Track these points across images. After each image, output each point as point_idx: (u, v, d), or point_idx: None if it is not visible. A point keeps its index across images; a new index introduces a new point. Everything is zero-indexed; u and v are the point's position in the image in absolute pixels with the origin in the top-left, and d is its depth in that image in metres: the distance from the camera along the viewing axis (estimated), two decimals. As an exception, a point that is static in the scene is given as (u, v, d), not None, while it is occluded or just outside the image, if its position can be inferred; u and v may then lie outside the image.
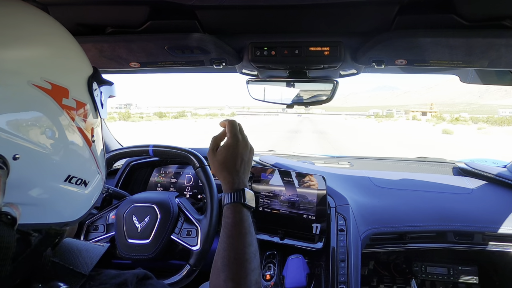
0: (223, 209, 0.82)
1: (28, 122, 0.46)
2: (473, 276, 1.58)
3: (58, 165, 0.51)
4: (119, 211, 1.16)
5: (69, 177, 0.53)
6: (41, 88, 0.47)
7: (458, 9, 0.80)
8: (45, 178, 0.50)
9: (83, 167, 0.57)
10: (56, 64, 0.51)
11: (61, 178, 0.52)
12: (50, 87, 0.48)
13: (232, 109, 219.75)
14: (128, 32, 0.96)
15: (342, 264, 1.17)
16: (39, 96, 0.47)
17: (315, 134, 24.93)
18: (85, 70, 0.59)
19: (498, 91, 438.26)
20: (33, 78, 0.46)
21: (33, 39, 0.49)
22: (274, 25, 0.97)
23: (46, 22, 0.54)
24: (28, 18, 0.50)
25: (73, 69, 0.56)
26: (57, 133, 0.50)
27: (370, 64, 1.03)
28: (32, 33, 0.49)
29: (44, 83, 0.48)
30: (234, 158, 0.86)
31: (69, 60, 0.55)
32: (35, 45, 0.49)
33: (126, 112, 60.19)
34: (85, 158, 0.57)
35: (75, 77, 0.55)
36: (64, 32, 0.57)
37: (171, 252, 1.18)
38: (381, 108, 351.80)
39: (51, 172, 0.50)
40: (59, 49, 0.54)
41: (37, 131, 0.47)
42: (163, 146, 1.22)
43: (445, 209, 1.42)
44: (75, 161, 0.54)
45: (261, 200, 1.38)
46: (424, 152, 6.75)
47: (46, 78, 0.48)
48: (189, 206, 1.22)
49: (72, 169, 0.54)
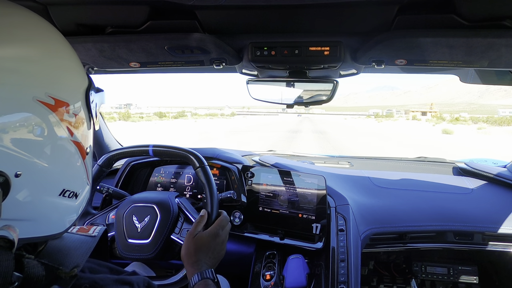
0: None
1: (30, 137, 0.46)
2: (473, 276, 1.58)
3: (55, 180, 0.51)
4: (119, 211, 1.16)
5: (63, 191, 0.53)
6: (45, 104, 0.47)
7: (458, 9, 0.80)
8: (42, 193, 0.49)
9: (76, 180, 0.57)
10: (58, 76, 0.51)
11: (56, 193, 0.52)
12: (53, 103, 0.48)
13: (232, 109, 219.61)
14: (128, 32, 0.96)
15: (342, 264, 1.17)
16: (43, 112, 0.47)
17: (315, 134, 24.91)
18: (83, 82, 0.58)
19: (498, 91, 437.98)
20: (38, 94, 0.46)
21: (35, 47, 0.48)
22: (274, 25, 0.98)
23: (43, 25, 0.52)
24: (23, 21, 0.49)
25: (73, 80, 0.55)
26: (55, 147, 0.50)
27: (370, 64, 1.03)
28: (28, 36, 0.48)
29: (48, 98, 0.47)
30: (207, 250, 0.93)
31: (69, 71, 0.54)
32: (35, 53, 0.48)
33: (126, 112, 60.10)
34: (79, 170, 0.57)
35: (75, 90, 0.55)
36: (63, 40, 0.56)
37: (171, 252, 1.18)
38: (381, 108, 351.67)
39: (48, 187, 0.50)
40: (59, 59, 0.53)
41: (38, 146, 0.47)
42: (163, 146, 1.22)
43: (445, 209, 1.42)
44: (69, 175, 0.54)
45: (261, 200, 1.38)
46: (424, 152, 6.73)
47: (50, 93, 0.48)
48: (189, 206, 1.21)
49: (67, 183, 0.53)
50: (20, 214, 0.46)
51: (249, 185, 1.42)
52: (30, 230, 0.49)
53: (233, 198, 1.29)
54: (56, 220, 0.54)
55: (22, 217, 0.47)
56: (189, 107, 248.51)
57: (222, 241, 0.98)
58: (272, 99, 1.26)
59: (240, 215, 1.39)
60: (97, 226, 0.62)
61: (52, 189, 0.51)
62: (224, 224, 1.01)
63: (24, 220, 0.48)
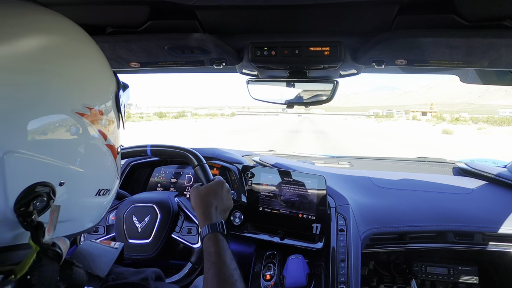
0: (203, 240, 0.86)
1: (69, 147, 0.48)
2: (473, 276, 1.58)
3: (92, 182, 0.54)
4: (119, 212, 1.16)
5: (99, 190, 0.56)
6: (82, 115, 0.49)
7: (458, 9, 0.80)
8: (81, 196, 0.52)
9: (109, 178, 0.59)
10: (92, 84, 0.52)
11: (93, 193, 0.55)
12: (90, 113, 0.50)
13: (232, 109, 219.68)
14: (128, 32, 0.96)
15: (342, 264, 1.17)
16: (81, 122, 0.48)
17: (315, 134, 24.89)
18: (113, 84, 0.59)
19: (498, 91, 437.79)
20: (76, 106, 0.48)
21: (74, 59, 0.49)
22: (274, 25, 0.97)
23: (77, 31, 0.54)
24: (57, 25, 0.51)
25: (105, 85, 0.56)
26: (93, 153, 0.52)
27: (370, 64, 1.03)
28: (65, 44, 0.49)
29: (84, 109, 0.49)
30: (215, 195, 0.96)
31: (102, 77, 0.56)
32: (70, 62, 0.49)
33: (126, 112, 59.97)
34: (112, 170, 0.59)
35: (106, 94, 0.56)
36: (93, 43, 0.57)
37: (172, 251, 1.18)
38: (381, 108, 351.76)
39: (86, 190, 0.53)
40: (93, 65, 0.54)
41: (76, 153, 0.49)
42: (161, 146, 1.22)
43: (445, 209, 1.42)
44: (103, 175, 0.57)
45: (261, 200, 1.38)
46: (425, 152, 6.73)
47: (86, 104, 0.49)
48: (189, 205, 1.21)
49: (102, 183, 0.56)
50: (62, 217, 0.48)
51: (249, 185, 1.42)
52: (72, 228, 0.53)
53: (233, 198, 1.29)
54: (94, 215, 0.58)
55: (65, 219, 0.49)
56: (189, 107, 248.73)
57: (227, 189, 1.02)
58: (272, 99, 1.26)
59: (240, 215, 1.39)
60: (117, 242, 0.66)
61: (90, 191, 0.54)
62: (223, 181, 1.05)
63: (66, 221, 0.50)
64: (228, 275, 0.75)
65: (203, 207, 0.93)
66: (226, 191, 1.01)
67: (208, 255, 0.81)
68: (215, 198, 0.96)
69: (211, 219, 0.88)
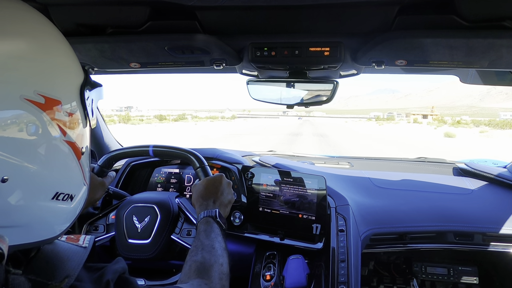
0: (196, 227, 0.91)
1: (17, 139, 0.42)
2: (473, 277, 1.58)
3: (47, 183, 0.48)
4: (119, 211, 1.16)
5: (56, 194, 0.50)
6: (34, 103, 0.44)
7: (458, 10, 0.80)
8: (33, 198, 0.46)
9: (71, 182, 0.53)
10: (50, 74, 0.48)
11: (49, 196, 0.49)
12: (44, 101, 0.45)
13: (233, 111, 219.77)
14: (128, 32, 0.96)
15: (342, 264, 1.16)
16: (32, 111, 0.44)
17: (315, 137, 24.86)
18: (78, 77, 0.55)
19: (499, 94, 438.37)
20: (26, 92, 0.43)
21: (25, 40, 0.45)
22: (274, 26, 0.98)
23: (39, 20, 0.50)
24: (19, 15, 0.47)
25: (66, 78, 0.52)
26: (47, 149, 0.47)
27: (370, 65, 1.04)
28: (22, 31, 0.45)
29: (37, 97, 0.44)
30: (214, 189, 1.00)
31: (63, 68, 0.51)
32: (28, 50, 0.45)
33: (126, 115, 59.99)
34: (74, 172, 0.54)
35: (68, 87, 0.52)
36: (59, 36, 0.53)
37: (171, 252, 1.18)
38: (382, 111, 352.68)
39: (39, 191, 0.47)
40: (53, 55, 0.50)
41: (26, 148, 0.44)
42: (163, 147, 1.23)
43: (445, 210, 1.42)
44: (63, 177, 0.51)
45: (261, 200, 1.38)
46: (429, 155, 6.72)
47: (39, 91, 0.45)
48: (189, 206, 1.21)
49: (60, 186, 0.50)
50: (10, 221, 0.44)
51: (249, 185, 1.42)
52: (22, 236, 0.46)
53: (233, 199, 1.29)
54: (50, 224, 0.51)
55: (13, 224, 0.44)
56: (189, 109, 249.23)
57: (228, 183, 1.06)
58: (272, 100, 1.26)
59: (240, 215, 1.39)
60: (86, 236, 0.60)
61: (44, 193, 0.48)
62: (222, 175, 1.08)
63: (15, 226, 0.45)
64: (211, 256, 0.80)
65: (201, 200, 0.97)
66: (227, 185, 1.04)
67: (197, 234, 0.86)
68: (213, 192, 0.99)
69: (207, 208, 0.93)
